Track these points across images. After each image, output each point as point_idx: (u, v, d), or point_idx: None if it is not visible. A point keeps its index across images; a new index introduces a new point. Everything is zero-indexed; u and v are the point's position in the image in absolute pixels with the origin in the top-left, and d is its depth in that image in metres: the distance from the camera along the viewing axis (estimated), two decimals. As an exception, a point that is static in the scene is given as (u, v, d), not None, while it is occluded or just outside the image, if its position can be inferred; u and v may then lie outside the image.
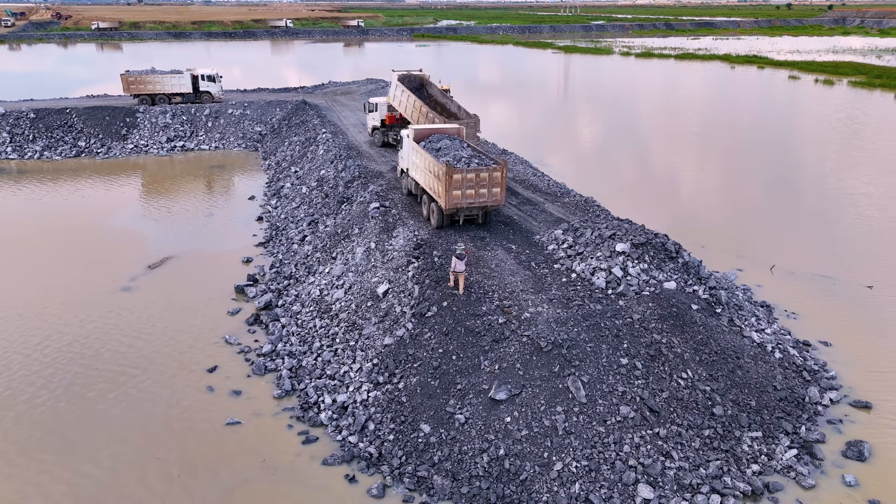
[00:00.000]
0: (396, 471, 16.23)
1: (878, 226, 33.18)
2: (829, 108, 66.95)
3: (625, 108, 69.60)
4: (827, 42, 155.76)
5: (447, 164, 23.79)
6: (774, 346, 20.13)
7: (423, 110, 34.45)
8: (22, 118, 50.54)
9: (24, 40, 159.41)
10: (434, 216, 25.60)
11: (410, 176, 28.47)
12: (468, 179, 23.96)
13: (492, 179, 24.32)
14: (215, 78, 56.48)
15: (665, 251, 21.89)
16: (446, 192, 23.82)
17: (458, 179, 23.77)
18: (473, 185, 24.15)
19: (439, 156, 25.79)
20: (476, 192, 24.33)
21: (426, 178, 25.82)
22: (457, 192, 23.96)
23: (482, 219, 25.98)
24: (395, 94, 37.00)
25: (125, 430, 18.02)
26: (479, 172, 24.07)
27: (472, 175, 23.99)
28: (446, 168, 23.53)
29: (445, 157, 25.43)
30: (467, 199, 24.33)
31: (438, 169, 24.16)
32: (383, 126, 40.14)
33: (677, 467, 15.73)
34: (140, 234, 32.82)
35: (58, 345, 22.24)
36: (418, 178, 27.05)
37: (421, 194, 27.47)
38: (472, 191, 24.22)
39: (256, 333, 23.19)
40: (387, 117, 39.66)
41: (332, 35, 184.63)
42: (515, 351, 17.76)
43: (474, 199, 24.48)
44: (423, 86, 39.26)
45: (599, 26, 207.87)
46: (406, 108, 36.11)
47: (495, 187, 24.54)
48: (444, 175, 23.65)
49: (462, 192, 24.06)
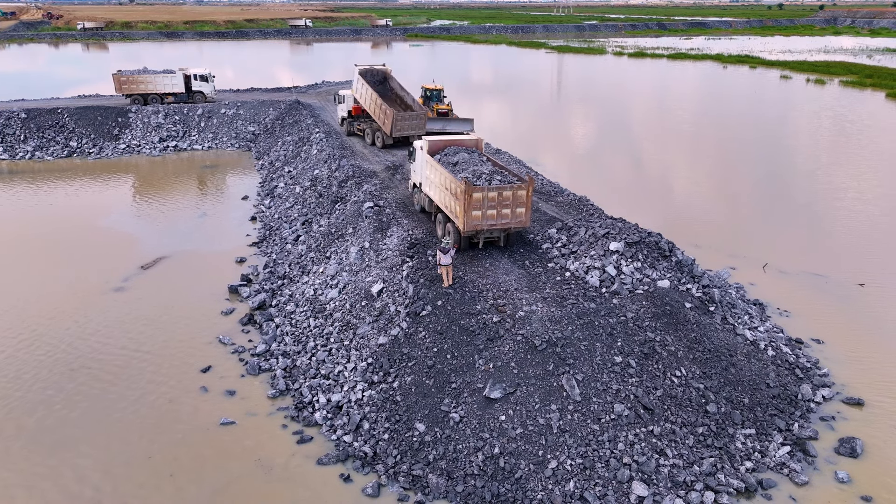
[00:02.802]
0: (391, 470, 16.23)
1: (871, 224, 33.40)
2: (820, 107, 67.34)
3: (618, 107, 69.80)
4: (818, 42, 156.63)
5: (466, 181, 21.64)
6: (767, 344, 20.24)
7: (378, 101, 38.11)
8: (13, 118, 50.20)
9: (14, 40, 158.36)
10: (451, 238, 23.28)
11: (424, 192, 26.13)
12: (489, 199, 21.65)
13: (516, 199, 21.96)
14: (208, 78, 56.25)
15: (658, 250, 21.98)
16: (465, 212, 21.57)
17: (479, 198, 21.51)
18: (495, 205, 21.83)
19: (456, 171, 23.79)
20: (498, 213, 21.99)
21: (442, 196, 23.56)
22: (476, 213, 21.70)
23: (504, 242, 23.66)
24: (357, 87, 40.43)
25: (118, 430, 17.94)
26: (501, 191, 21.73)
27: (494, 194, 21.66)
28: (465, 186, 21.31)
29: (463, 172, 23.42)
30: (488, 220, 21.97)
31: (456, 186, 21.83)
32: (350, 116, 43.39)
33: (671, 465, 15.80)
34: (133, 234, 32.68)
35: (50, 345, 22.11)
36: (433, 194, 24.70)
37: (435, 212, 25.24)
38: (493, 211, 21.88)
39: (250, 333, 23.14)
40: (353, 108, 43.01)
41: (335, 35, 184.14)
42: (510, 349, 17.79)
43: (496, 221, 22.10)
44: (385, 80, 42.37)
45: (592, 26, 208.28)
46: (366, 101, 39.79)
47: (519, 207, 22.16)
48: (462, 193, 21.40)
49: (483, 213, 21.77)
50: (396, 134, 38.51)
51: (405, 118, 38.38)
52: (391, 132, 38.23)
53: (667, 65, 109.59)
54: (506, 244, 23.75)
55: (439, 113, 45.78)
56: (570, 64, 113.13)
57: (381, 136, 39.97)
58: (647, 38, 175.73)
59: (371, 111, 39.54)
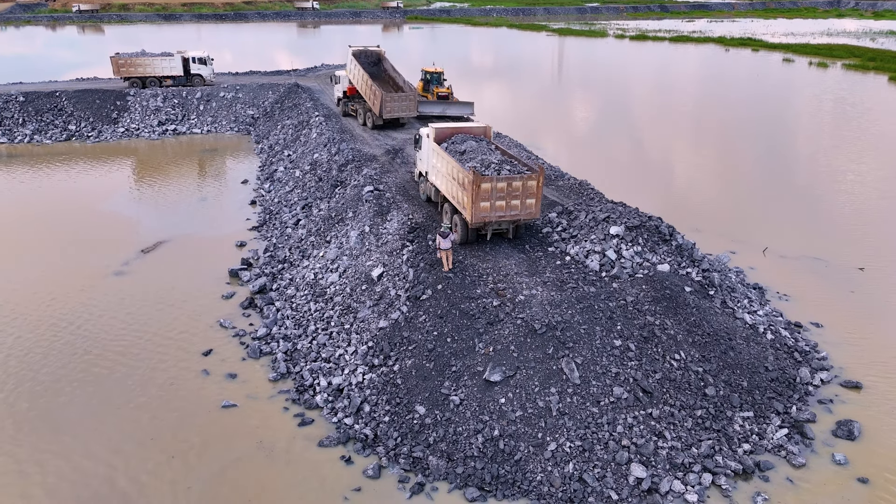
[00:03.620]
0: (392, 452, 16.36)
1: (871, 208, 33.35)
2: (823, 90, 66.93)
3: (619, 90, 69.38)
4: (821, 24, 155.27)
5: (474, 170, 20.84)
6: (766, 328, 20.30)
7: (369, 82, 38.81)
8: (11, 101, 49.96)
9: (11, 22, 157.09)
10: (458, 231, 22.61)
11: (430, 181, 25.43)
12: (498, 189, 20.82)
13: (526, 189, 21.11)
14: (206, 60, 55.84)
15: (659, 234, 21.97)
16: (473, 203, 20.79)
17: (487, 189, 20.72)
18: (504, 196, 21.01)
19: (464, 160, 22.99)
20: (507, 204, 21.17)
21: (448, 186, 22.76)
22: (485, 204, 20.92)
23: (512, 234, 22.98)
24: (350, 68, 41.35)
25: (119, 413, 18.06)
26: (511, 181, 20.88)
27: (504, 184, 20.82)
28: (473, 175, 20.49)
29: (472, 161, 22.63)
30: (497, 211, 21.18)
31: (464, 176, 21.06)
32: (345, 97, 44.19)
33: (670, 447, 15.92)
34: (133, 218, 32.65)
35: (51, 329, 22.19)
36: (439, 184, 23.90)
37: (442, 202, 24.52)
38: (502, 202, 21.08)
39: (251, 317, 23.20)
40: (347, 89, 43.80)
41: (335, 17, 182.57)
42: (510, 333, 17.85)
43: (505, 212, 21.29)
44: (380, 61, 43.25)
45: (594, 8, 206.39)
46: (357, 81, 40.58)
47: (529, 198, 21.30)
48: (470, 184, 20.62)
49: (491, 204, 20.98)
50: (386, 115, 38.67)
51: (395, 99, 38.57)
52: (380, 113, 38.48)
53: (668, 48, 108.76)
54: (514, 236, 23.12)
55: (439, 96, 45.50)
56: (572, 47, 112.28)
57: (372, 116, 40.23)
58: (648, 21, 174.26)
59: (362, 92, 40.02)
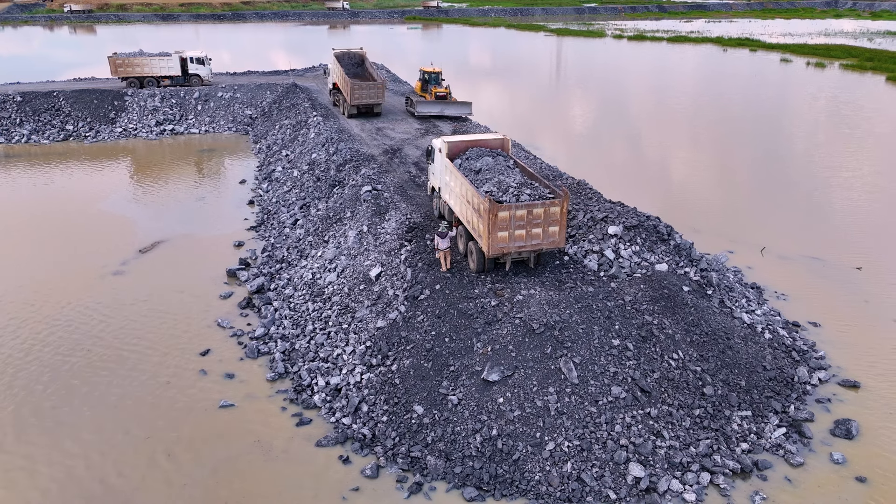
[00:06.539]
0: (390, 451, 16.35)
1: (869, 208, 33.40)
2: (820, 90, 67.02)
3: (617, 91, 69.41)
4: (819, 25, 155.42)
5: (490, 197, 18.81)
6: (764, 327, 20.32)
7: (342, 75, 44.02)
8: (8, 101, 49.83)
9: (8, 22, 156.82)
10: (473, 258, 20.31)
11: (443, 198, 23.22)
12: (518, 217, 18.62)
13: (548, 216, 18.84)
14: (204, 60, 55.76)
15: (657, 233, 21.99)
16: (490, 233, 18.61)
17: (505, 218, 18.53)
18: (525, 225, 18.81)
19: (479, 181, 21.02)
20: (528, 233, 18.93)
21: (463, 209, 20.49)
22: (503, 234, 18.73)
23: (534, 262, 20.59)
24: (333, 68, 46.98)
25: (116, 412, 18.03)
26: (531, 208, 18.66)
27: (524, 212, 18.60)
28: (489, 204, 18.31)
29: (488, 183, 20.59)
30: (516, 241, 18.95)
31: (479, 202, 18.84)
32: (334, 88, 47.49)
33: (668, 446, 15.92)
34: (130, 218, 32.60)
35: (49, 328, 22.15)
36: (452, 204, 21.70)
37: (456, 223, 22.41)
38: (522, 231, 18.85)
39: (249, 317, 23.17)
40: (334, 83, 47.66)
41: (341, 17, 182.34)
42: (508, 333, 17.84)
43: (525, 242, 19.08)
44: (363, 61, 48.27)
45: (592, 9, 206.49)
46: (337, 76, 45.46)
47: (553, 226, 19.04)
48: (486, 212, 18.42)
49: (510, 234, 18.77)
50: (355, 102, 43.17)
51: (362, 87, 42.92)
52: (350, 100, 43.12)
53: (666, 48, 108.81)
54: (536, 264, 20.80)
55: (437, 96, 45.48)
56: (570, 47, 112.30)
57: (345, 105, 44.40)
58: (646, 21, 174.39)
59: (340, 85, 45.24)
